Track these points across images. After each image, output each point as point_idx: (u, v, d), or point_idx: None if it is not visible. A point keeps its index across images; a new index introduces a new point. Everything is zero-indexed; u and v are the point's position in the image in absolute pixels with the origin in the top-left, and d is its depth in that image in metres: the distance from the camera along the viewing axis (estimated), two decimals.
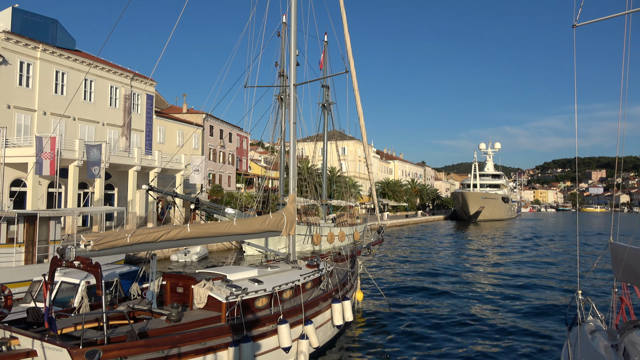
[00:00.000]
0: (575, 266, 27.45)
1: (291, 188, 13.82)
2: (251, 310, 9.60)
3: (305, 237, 33.93)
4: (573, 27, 8.33)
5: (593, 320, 9.15)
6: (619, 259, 7.85)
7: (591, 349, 7.56)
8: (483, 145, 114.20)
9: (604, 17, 8.12)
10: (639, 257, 7.36)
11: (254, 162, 76.35)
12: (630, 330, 6.76)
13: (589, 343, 7.85)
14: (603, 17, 8.13)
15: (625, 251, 7.69)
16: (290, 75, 14.02)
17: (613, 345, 7.05)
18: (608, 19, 8.10)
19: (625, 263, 7.60)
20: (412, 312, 15.90)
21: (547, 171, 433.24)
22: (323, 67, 41.07)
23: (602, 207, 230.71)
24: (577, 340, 8.18)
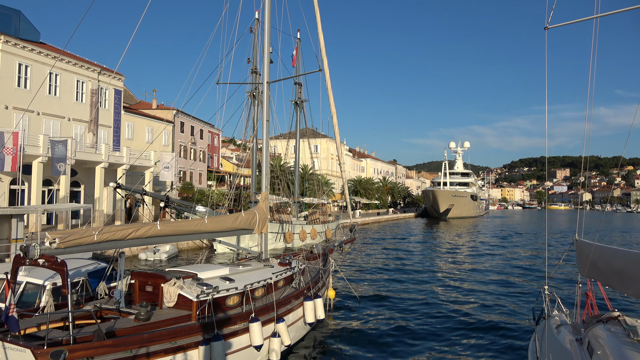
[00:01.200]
0: (542, 262, 28.30)
1: (264, 186, 13.75)
2: (222, 309, 9.52)
3: (278, 235, 33.84)
4: (545, 30, 8.54)
5: (559, 314, 9.45)
6: (584, 256, 8.10)
7: (557, 343, 7.80)
8: (453, 144, 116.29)
9: (575, 20, 8.34)
10: (604, 254, 7.60)
11: (225, 160, 75.57)
12: (594, 325, 7.00)
13: (554, 337, 8.10)
14: (574, 20, 8.35)
15: (591, 248, 7.93)
16: (263, 72, 13.92)
17: (578, 340, 7.28)
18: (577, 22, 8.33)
19: (590, 260, 7.84)
20: (383, 309, 16.07)
21: (514, 170, 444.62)
22: (296, 64, 40.99)
23: (566, 205, 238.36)
24: (543, 334, 8.43)
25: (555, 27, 8.49)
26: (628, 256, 7.00)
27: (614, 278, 7.20)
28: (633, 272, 6.60)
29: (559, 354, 7.38)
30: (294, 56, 40.94)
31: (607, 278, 7.49)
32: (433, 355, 11.67)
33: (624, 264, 6.94)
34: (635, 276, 6.54)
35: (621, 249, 7.56)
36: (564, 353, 7.30)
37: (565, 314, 9.56)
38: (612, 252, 7.51)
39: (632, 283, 6.65)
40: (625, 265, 6.88)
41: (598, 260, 7.70)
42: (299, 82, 42.49)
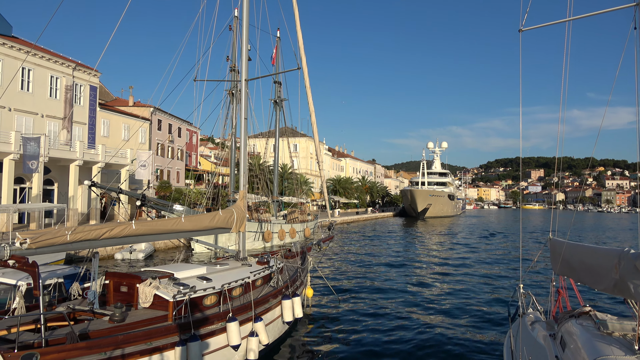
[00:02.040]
0: (517, 261, 28.84)
1: (242, 184, 13.67)
2: (199, 309, 9.43)
3: (256, 234, 33.70)
4: (519, 32, 8.69)
5: (533, 312, 9.66)
6: (557, 254, 8.28)
7: (531, 339, 7.98)
8: (431, 144, 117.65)
9: (548, 23, 8.51)
10: (576, 252, 7.78)
11: (203, 158, 74.87)
12: (567, 320, 7.18)
13: (529, 333, 8.29)
14: (547, 23, 8.51)
15: (563, 246, 8.12)
16: (241, 70, 13.83)
17: (551, 335, 7.46)
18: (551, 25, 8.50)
19: (563, 257, 8.02)
20: (361, 307, 16.16)
21: (490, 170, 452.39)
22: (275, 62, 40.84)
23: (540, 205, 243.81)
24: (518, 331, 8.61)
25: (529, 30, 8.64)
26: (598, 253, 7.19)
27: (585, 274, 7.39)
28: (602, 268, 6.79)
29: (533, 349, 7.55)
30: (274, 54, 40.79)
31: (578, 275, 7.68)
32: (411, 353, 11.78)
33: (594, 260, 7.14)
34: (604, 272, 6.72)
35: (591, 245, 7.76)
36: (538, 348, 7.47)
37: (540, 310, 9.78)
38: (583, 250, 7.71)
39: (601, 279, 6.83)
40: (596, 262, 7.07)
41: (570, 257, 7.89)
42: (278, 81, 42.38)
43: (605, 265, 6.72)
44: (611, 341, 5.98)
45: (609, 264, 6.60)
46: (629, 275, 6.09)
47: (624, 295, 6.44)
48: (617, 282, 6.37)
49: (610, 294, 6.98)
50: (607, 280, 6.66)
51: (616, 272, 6.36)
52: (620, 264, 6.28)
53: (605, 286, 6.72)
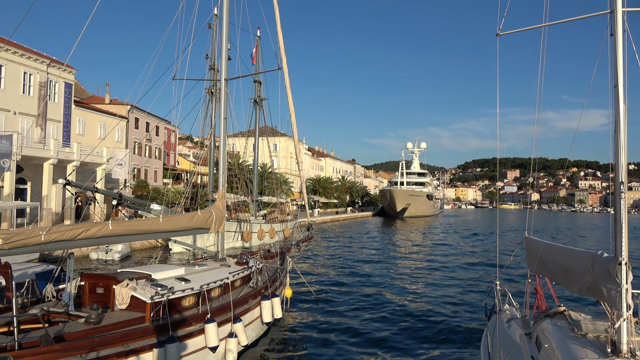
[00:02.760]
0: (494, 259, 29.33)
1: (221, 184, 13.59)
2: (177, 310, 9.36)
3: (235, 234, 33.50)
4: (497, 36, 8.85)
5: (509, 309, 9.85)
6: (533, 253, 8.44)
7: (507, 337, 8.13)
8: (410, 144, 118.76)
9: (525, 28, 8.66)
10: (551, 252, 7.93)
11: (182, 157, 74.04)
12: (542, 320, 7.32)
13: (505, 331, 8.44)
14: (524, 28, 8.67)
15: (539, 246, 8.28)
16: (221, 69, 13.75)
17: (527, 334, 7.60)
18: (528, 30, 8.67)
19: (538, 257, 8.18)
20: (340, 307, 16.23)
21: (468, 170, 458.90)
22: (255, 62, 40.65)
23: (516, 205, 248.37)
24: (494, 328, 8.77)
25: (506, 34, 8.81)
26: (572, 254, 7.34)
27: (560, 274, 7.53)
28: (577, 270, 6.90)
29: (509, 348, 7.69)
30: (254, 54, 40.60)
31: (554, 274, 7.83)
32: (389, 351, 11.89)
33: (569, 261, 7.27)
34: (579, 273, 6.85)
35: (566, 246, 7.92)
36: (513, 347, 7.62)
37: (516, 308, 9.97)
38: (558, 250, 7.86)
39: (576, 280, 6.95)
40: (570, 263, 7.20)
41: (546, 257, 8.04)
42: (258, 80, 42.19)
43: (579, 267, 6.83)
44: (585, 343, 6.12)
45: (583, 266, 6.70)
46: (601, 278, 6.20)
47: (597, 298, 6.55)
48: (590, 284, 6.47)
49: (584, 295, 7.13)
50: (581, 281, 6.77)
51: (590, 275, 6.47)
52: (594, 266, 6.38)
53: (579, 287, 6.83)
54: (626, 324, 5.80)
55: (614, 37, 6.62)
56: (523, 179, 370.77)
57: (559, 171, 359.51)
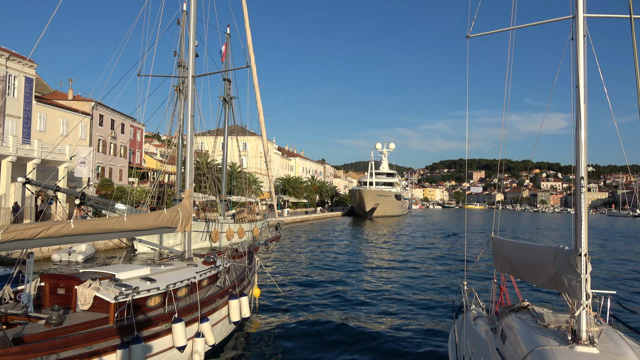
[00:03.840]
0: (462, 258, 29.93)
1: (188, 183, 13.37)
2: (143, 310, 9.16)
3: (203, 233, 33.05)
4: (467, 38, 9.03)
5: (476, 307, 10.09)
6: (499, 252, 8.71)
7: (474, 333, 8.33)
8: (379, 145, 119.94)
9: (493, 31, 8.87)
10: (516, 250, 8.22)
11: (148, 155, 72.54)
12: (507, 315, 7.55)
13: (472, 328, 8.64)
14: (493, 31, 8.87)
15: (504, 244, 8.55)
16: (189, 66, 13.53)
17: (492, 329, 7.81)
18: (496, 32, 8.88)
19: (503, 255, 8.44)
20: (308, 306, 16.23)
21: (435, 171, 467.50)
22: (225, 60, 40.18)
23: (482, 205, 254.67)
24: (462, 326, 8.96)
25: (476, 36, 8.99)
26: (535, 250, 7.64)
27: (524, 270, 7.83)
28: (540, 264, 7.22)
29: (475, 343, 7.89)
30: (223, 51, 40.13)
31: (518, 271, 8.12)
32: (358, 348, 11.96)
33: (532, 257, 7.57)
34: (542, 268, 7.16)
35: (529, 243, 8.22)
36: (480, 342, 7.82)
37: (482, 306, 10.22)
38: (522, 247, 8.15)
39: (539, 274, 7.26)
40: (534, 258, 7.50)
41: (510, 255, 8.33)
42: (228, 78, 41.73)
43: (542, 262, 7.15)
44: (547, 333, 6.34)
45: (546, 260, 7.03)
46: (563, 270, 6.51)
47: (559, 290, 6.86)
48: (553, 277, 6.79)
49: (547, 289, 7.40)
50: (544, 275, 7.08)
51: (552, 268, 6.78)
52: (556, 259, 6.71)
53: (543, 281, 7.14)
54: (585, 312, 6.04)
55: (575, 41, 6.86)
56: (488, 179, 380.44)
57: (522, 172, 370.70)
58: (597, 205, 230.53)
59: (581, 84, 6.68)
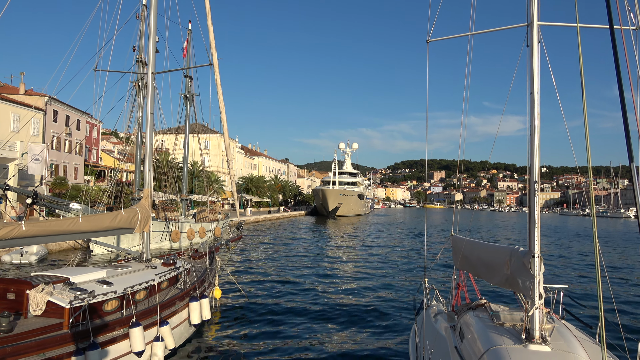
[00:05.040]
0: (424, 257, 30.47)
1: (146, 182, 13.04)
2: (99, 315, 8.87)
3: (163, 234, 32.34)
4: (427, 42, 9.19)
5: (437, 304, 10.29)
6: (458, 250, 8.93)
7: (434, 330, 8.50)
8: (342, 145, 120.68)
9: (453, 36, 9.06)
10: (474, 249, 8.45)
11: (106, 153, 70.30)
12: (465, 312, 7.74)
13: (432, 325, 8.82)
14: (452, 36, 9.07)
15: (463, 243, 8.78)
16: (148, 62, 13.18)
17: (452, 326, 7.99)
18: (456, 37, 9.08)
19: (462, 253, 8.66)
20: (270, 306, 16.14)
21: (397, 171, 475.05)
22: (187, 56, 39.42)
23: (441, 204, 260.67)
24: (422, 323, 9.13)
25: (436, 40, 9.18)
26: (492, 249, 7.87)
27: (482, 269, 8.05)
28: (496, 264, 7.43)
29: (435, 340, 8.05)
30: (185, 48, 39.35)
31: (476, 269, 8.35)
32: (320, 348, 11.98)
33: (489, 256, 7.80)
34: (498, 267, 7.37)
35: (486, 242, 8.47)
36: (439, 339, 7.98)
37: (442, 303, 10.44)
38: (480, 246, 8.39)
39: (495, 273, 7.48)
40: (490, 258, 7.73)
41: (469, 253, 8.55)
42: (189, 75, 40.98)
43: (498, 262, 7.37)
44: (502, 331, 6.53)
45: (502, 260, 7.25)
46: (518, 271, 6.72)
47: (514, 289, 7.09)
48: (508, 277, 7.00)
49: (503, 288, 7.63)
50: (500, 275, 7.29)
51: (508, 268, 7.00)
52: (511, 260, 6.93)
53: (499, 280, 7.36)
54: (538, 312, 6.26)
55: (530, 48, 7.11)
56: (448, 179, 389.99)
57: (480, 173, 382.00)
58: (550, 205, 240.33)
59: (536, 90, 6.92)
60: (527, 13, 7.21)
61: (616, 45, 4.22)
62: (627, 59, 4.32)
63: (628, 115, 4.10)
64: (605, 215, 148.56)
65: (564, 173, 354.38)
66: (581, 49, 5.15)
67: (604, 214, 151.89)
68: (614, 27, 4.28)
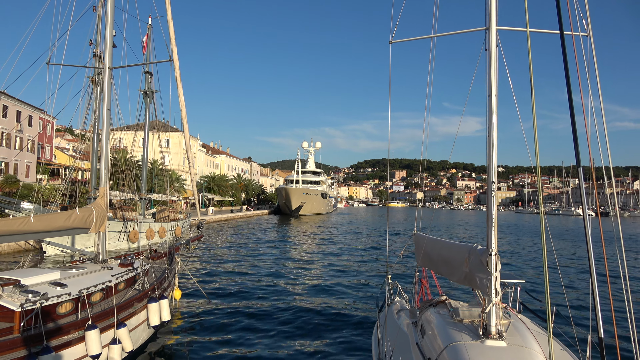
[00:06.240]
0: (385, 255, 30.87)
1: (102, 181, 12.64)
2: (53, 318, 8.54)
3: (121, 234, 31.41)
4: (389, 43, 9.30)
5: (399, 301, 10.45)
6: (420, 247, 9.11)
7: (396, 327, 8.63)
8: (306, 143, 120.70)
9: (415, 38, 9.20)
10: (435, 246, 8.65)
11: (60, 151, 67.66)
12: (426, 309, 7.90)
13: (394, 321, 8.95)
14: (414, 37, 9.20)
15: (425, 240, 8.95)
16: (105, 56, 12.76)
17: (413, 322, 8.14)
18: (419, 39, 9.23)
19: (424, 251, 8.84)
20: (231, 306, 15.97)
21: (360, 170, 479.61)
22: (147, 52, 38.42)
23: (403, 203, 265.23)
24: (385, 319, 9.25)
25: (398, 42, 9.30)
26: (452, 247, 8.08)
27: (442, 266, 8.26)
28: (456, 261, 7.64)
29: (397, 336, 8.18)
30: (145, 43, 38.35)
31: (437, 266, 8.55)
32: (282, 347, 11.94)
33: (449, 254, 8.00)
34: (457, 265, 7.58)
35: (447, 240, 8.68)
36: (401, 335, 8.12)
37: (405, 300, 10.61)
38: (440, 244, 8.59)
39: (455, 271, 7.69)
40: (450, 255, 7.93)
41: (430, 251, 8.75)
42: (149, 71, 39.95)
43: (457, 259, 7.58)
44: (461, 328, 6.71)
45: (461, 258, 7.46)
46: (476, 268, 6.94)
47: (472, 286, 7.31)
48: (467, 274, 7.22)
49: (462, 284, 7.84)
50: (459, 272, 7.50)
51: (466, 266, 7.21)
52: (470, 258, 7.14)
53: (458, 277, 7.57)
54: (495, 308, 6.47)
55: (488, 52, 7.32)
56: (409, 178, 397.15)
57: (440, 172, 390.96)
58: (506, 203, 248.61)
59: (493, 92, 7.14)
60: (486, 18, 7.41)
61: (566, 50, 4.40)
62: (577, 63, 4.53)
63: (576, 118, 4.30)
64: (557, 213, 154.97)
65: (519, 172, 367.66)
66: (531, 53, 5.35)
67: (556, 212, 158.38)
68: (564, 32, 4.47)
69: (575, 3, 5.79)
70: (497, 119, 7.16)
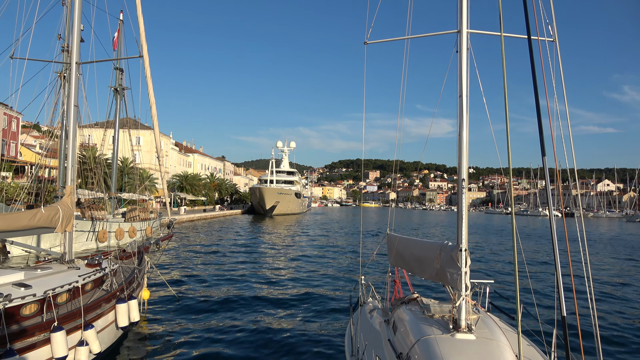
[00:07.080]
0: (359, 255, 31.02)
1: (69, 179, 12.31)
2: (16, 320, 8.28)
3: (89, 233, 30.67)
4: (364, 44, 9.38)
5: (372, 300, 10.55)
6: (392, 247, 9.24)
7: (369, 325, 8.72)
8: (280, 143, 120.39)
9: (390, 39, 9.29)
10: (407, 245, 8.80)
11: (26, 148, 65.57)
12: (399, 307, 8.01)
13: (367, 321, 9.04)
14: (389, 39, 9.30)
15: (397, 240, 9.08)
16: (72, 51, 12.42)
17: (386, 321, 8.25)
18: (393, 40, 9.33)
19: (396, 250, 8.97)
20: (202, 306, 15.79)
21: (334, 170, 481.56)
22: (117, 48, 37.60)
23: (376, 203, 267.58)
24: (358, 319, 9.34)
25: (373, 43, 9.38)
26: (423, 245, 8.24)
27: (414, 265, 8.41)
28: (427, 259, 7.81)
29: (369, 335, 8.28)
30: (115, 39, 37.53)
31: (409, 265, 8.69)
32: (254, 347, 11.87)
33: (421, 252, 8.16)
34: (429, 262, 7.75)
35: (418, 239, 8.83)
36: (374, 333, 8.22)
37: (378, 299, 10.72)
38: (412, 243, 8.74)
39: (426, 268, 7.85)
40: (422, 253, 8.10)
41: (402, 250, 8.88)
42: (120, 68, 39.09)
43: (429, 256, 7.76)
44: (432, 323, 6.84)
45: (432, 255, 7.64)
46: (447, 264, 7.14)
47: (443, 282, 7.47)
48: (438, 271, 7.41)
49: (434, 281, 8.00)
50: (431, 269, 7.68)
51: (438, 262, 7.39)
52: (441, 254, 7.33)
53: (430, 274, 7.74)
54: (465, 302, 6.63)
55: (459, 54, 7.46)
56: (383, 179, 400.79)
57: (413, 173, 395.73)
58: (477, 204, 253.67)
59: (464, 93, 7.28)
60: (458, 21, 7.55)
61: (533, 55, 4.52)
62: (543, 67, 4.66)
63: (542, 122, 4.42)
64: (525, 214, 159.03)
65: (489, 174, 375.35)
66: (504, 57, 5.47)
67: (524, 213, 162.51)
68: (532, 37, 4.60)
69: (542, 9, 5.96)
70: (469, 120, 7.32)
